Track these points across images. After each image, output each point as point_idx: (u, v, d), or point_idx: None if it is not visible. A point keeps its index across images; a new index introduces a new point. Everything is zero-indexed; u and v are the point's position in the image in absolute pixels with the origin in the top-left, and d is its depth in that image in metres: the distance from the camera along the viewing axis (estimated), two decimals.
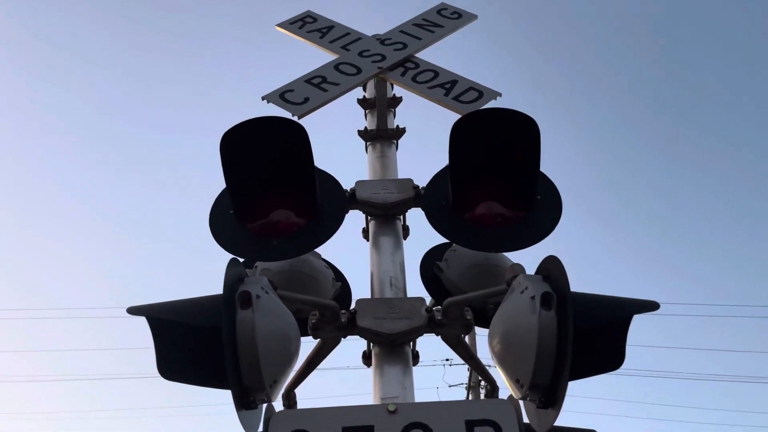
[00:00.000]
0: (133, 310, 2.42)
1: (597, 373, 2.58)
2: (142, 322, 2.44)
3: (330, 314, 2.89)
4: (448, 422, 2.16)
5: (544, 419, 2.29)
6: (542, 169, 3.15)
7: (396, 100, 4.15)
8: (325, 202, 3.11)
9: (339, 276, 3.49)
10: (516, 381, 2.32)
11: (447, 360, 21.52)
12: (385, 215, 3.46)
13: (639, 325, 2.59)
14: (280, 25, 4.27)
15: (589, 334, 2.40)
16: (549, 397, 2.22)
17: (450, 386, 22.03)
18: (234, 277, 2.28)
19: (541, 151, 2.93)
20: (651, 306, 2.49)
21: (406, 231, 3.55)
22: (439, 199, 3.13)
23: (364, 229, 3.56)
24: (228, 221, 3.02)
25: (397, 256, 3.35)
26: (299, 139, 2.87)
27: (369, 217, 3.52)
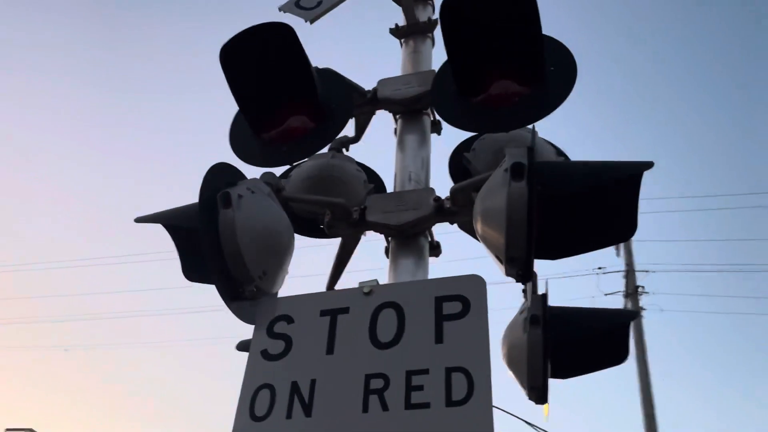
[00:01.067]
0: (142, 219, 2.65)
1: (605, 245, 2.43)
2: None
3: (341, 212, 2.96)
4: (419, 299, 2.16)
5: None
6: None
7: None
8: (332, 103, 3.12)
9: (373, 178, 3.52)
10: (497, 258, 2.26)
11: (600, 269, 20.96)
12: (410, 111, 3.40)
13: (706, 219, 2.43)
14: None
15: (577, 201, 2.27)
16: (525, 271, 2.14)
17: (606, 294, 21.53)
18: (213, 181, 2.40)
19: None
20: (644, 166, 2.26)
21: (437, 126, 3.47)
22: (447, 88, 3.01)
23: (395, 129, 3.53)
24: (246, 134, 3.15)
25: (422, 152, 3.30)
26: (288, 41, 2.88)
27: (396, 116, 3.48)
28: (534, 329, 2.84)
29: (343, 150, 3.56)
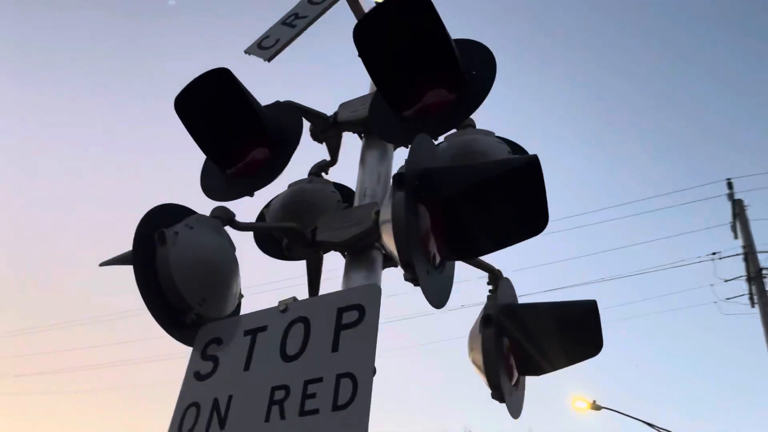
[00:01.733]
0: (107, 263, 2.95)
1: (519, 238, 2.44)
2: None
3: (295, 235, 3.13)
4: (324, 312, 2.29)
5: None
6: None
7: None
8: (285, 133, 3.31)
9: (349, 197, 3.67)
10: (397, 263, 2.34)
11: (714, 254, 19.74)
12: (369, 129, 3.53)
13: None
14: None
15: (471, 200, 2.31)
16: (413, 274, 2.20)
17: (726, 281, 20.20)
18: (153, 222, 2.66)
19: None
20: (524, 160, 2.26)
21: None
22: (382, 106, 3.13)
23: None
24: (214, 173, 3.42)
25: (381, 167, 3.41)
26: (229, 84, 3.11)
27: (361, 135, 3.62)
28: (487, 329, 2.87)
29: (322, 174, 3.75)
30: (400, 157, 3.58)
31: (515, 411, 2.98)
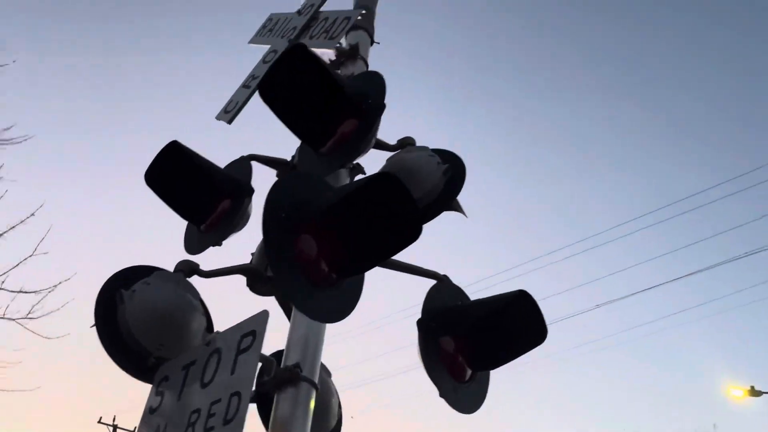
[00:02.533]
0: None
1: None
2: None
3: (253, 274, 3.50)
4: (232, 341, 2.61)
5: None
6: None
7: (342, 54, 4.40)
8: (239, 185, 3.71)
9: None
10: None
11: None
12: None
13: None
14: (252, 41, 4.93)
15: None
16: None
17: None
18: (109, 289, 3.13)
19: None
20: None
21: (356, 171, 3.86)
22: (305, 149, 3.46)
23: None
24: (192, 231, 3.88)
25: None
26: (180, 154, 3.57)
27: None
28: (419, 333, 3.06)
29: None
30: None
31: (468, 407, 3.11)
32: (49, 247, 9.82)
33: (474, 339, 3.12)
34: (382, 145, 3.79)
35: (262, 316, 2.55)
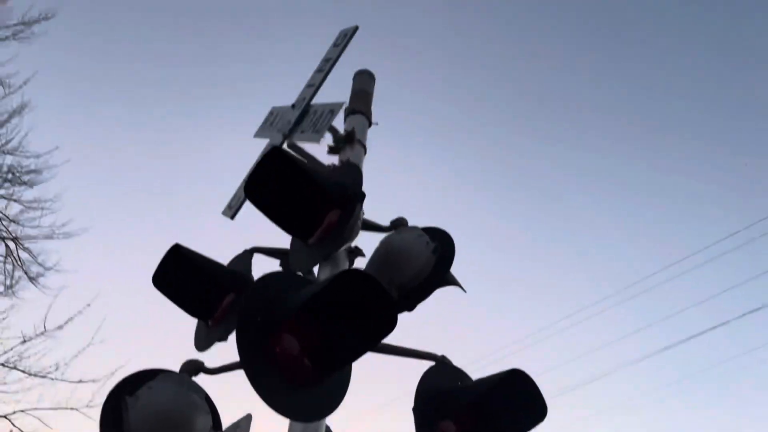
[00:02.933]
0: None
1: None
2: None
3: None
4: None
5: None
6: None
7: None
8: (243, 279, 3.83)
9: None
10: None
11: None
12: None
13: None
14: (256, 135, 5.12)
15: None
16: None
17: None
18: (115, 397, 3.24)
19: None
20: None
21: (355, 253, 3.94)
22: (296, 241, 3.57)
23: None
24: (201, 328, 4.00)
25: None
26: (182, 257, 3.73)
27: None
28: (416, 420, 3.04)
29: None
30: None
31: None
32: (105, 336, 10.31)
33: (475, 421, 3.08)
34: (376, 227, 3.87)
35: (246, 420, 2.60)
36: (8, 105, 12.19)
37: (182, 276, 3.83)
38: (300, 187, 3.27)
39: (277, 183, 3.25)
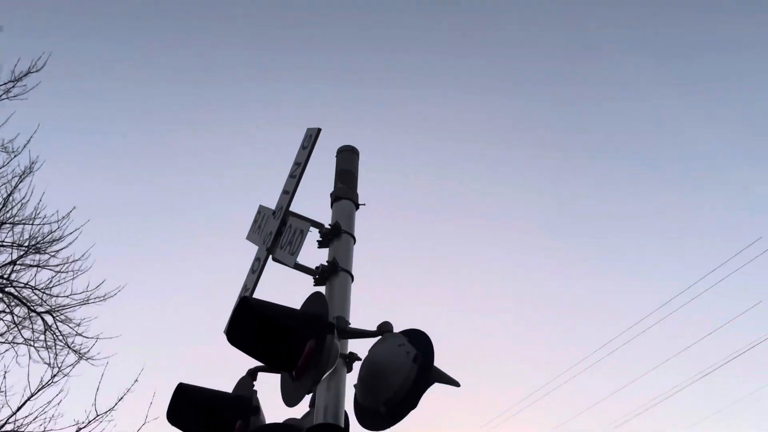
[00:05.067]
0: None
1: None
2: None
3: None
4: None
5: None
6: None
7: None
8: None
9: None
10: None
11: None
12: None
13: None
14: (247, 238, 5.24)
15: None
16: None
17: None
18: None
19: None
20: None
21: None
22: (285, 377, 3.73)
23: None
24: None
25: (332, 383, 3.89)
26: (184, 399, 3.97)
27: None
28: None
29: None
30: None
31: None
32: (158, 413, 9.62)
33: None
34: (365, 334, 3.96)
35: None
36: (14, 169, 11.11)
37: (256, 328, 3.86)
38: (273, 328, 3.43)
39: (251, 329, 3.43)
